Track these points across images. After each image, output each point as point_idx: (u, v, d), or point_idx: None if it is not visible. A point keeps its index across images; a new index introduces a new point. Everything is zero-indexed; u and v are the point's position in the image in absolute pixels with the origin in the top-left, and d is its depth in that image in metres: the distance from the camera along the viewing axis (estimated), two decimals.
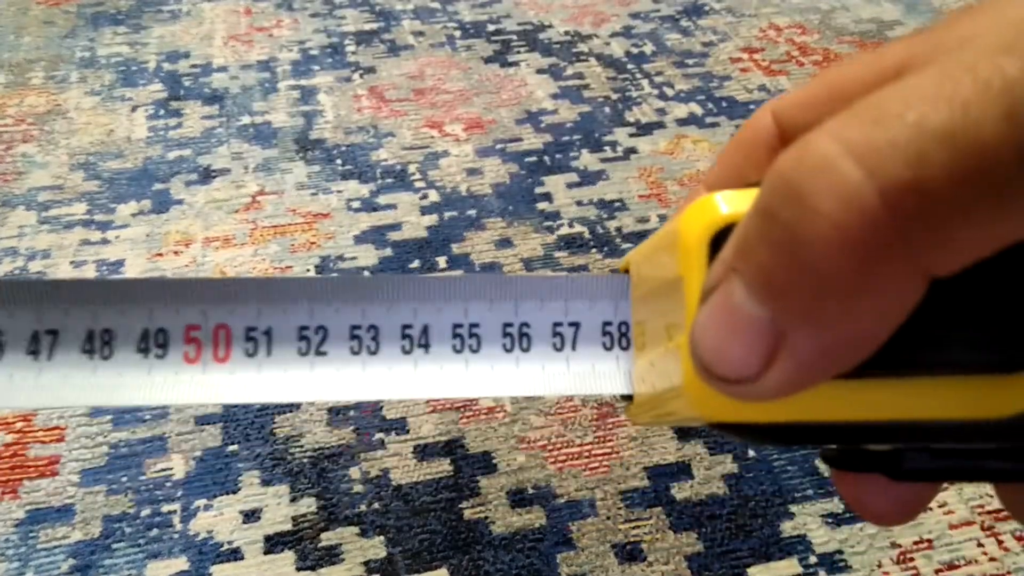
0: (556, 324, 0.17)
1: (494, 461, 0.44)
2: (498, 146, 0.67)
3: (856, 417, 0.14)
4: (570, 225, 0.59)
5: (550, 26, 0.83)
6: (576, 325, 0.17)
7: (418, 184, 0.63)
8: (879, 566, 0.40)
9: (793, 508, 0.42)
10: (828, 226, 0.11)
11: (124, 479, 0.43)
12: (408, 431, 0.46)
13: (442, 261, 0.56)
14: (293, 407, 0.47)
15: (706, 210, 0.14)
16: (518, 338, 0.17)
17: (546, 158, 0.66)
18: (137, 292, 0.17)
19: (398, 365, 0.17)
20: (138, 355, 0.17)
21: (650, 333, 0.16)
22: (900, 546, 0.41)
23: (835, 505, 0.43)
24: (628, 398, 0.17)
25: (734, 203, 0.14)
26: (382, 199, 0.62)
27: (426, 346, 0.17)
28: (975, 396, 0.13)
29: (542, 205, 0.61)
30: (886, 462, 0.15)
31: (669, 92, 0.74)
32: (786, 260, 0.12)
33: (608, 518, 0.42)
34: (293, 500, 0.43)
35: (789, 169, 0.12)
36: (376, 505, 0.43)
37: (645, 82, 0.75)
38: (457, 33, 0.82)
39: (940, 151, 0.11)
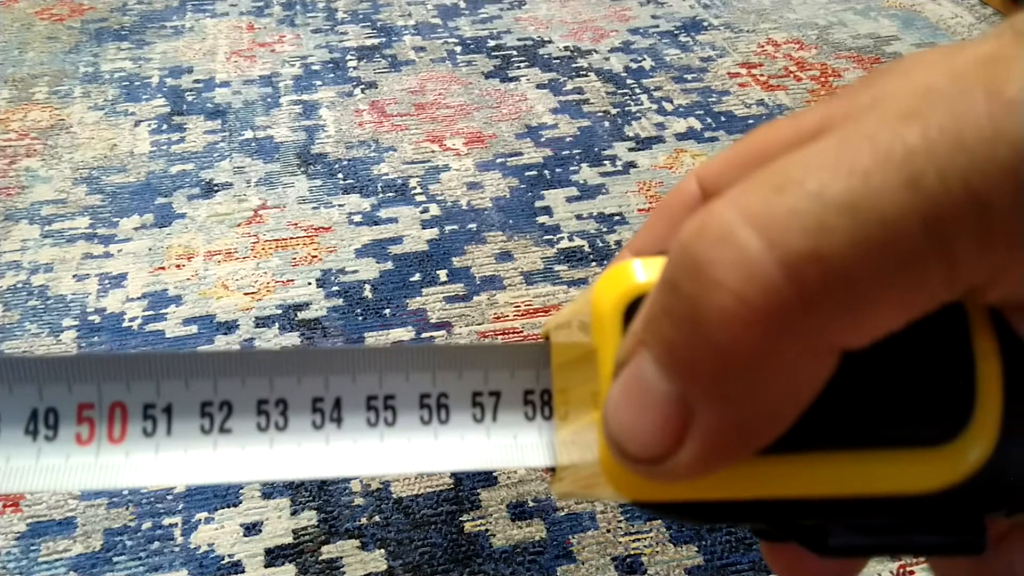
0: (476, 394, 0.16)
1: (494, 474, 0.45)
2: (498, 160, 0.67)
3: (779, 494, 0.13)
4: (570, 239, 0.60)
5: (550, 41, 0.84)
6: (497, 394, 0.16)
7: (419, 198, 0.63)
8: None
9: None
10: (729, 299, 0.11)
11: (125, 492, 0.43)
12: None
13: (443, 274, 0.57)
14: None
15: (620, 279, 0.14)
16: (436, 409, 0.16)
17: (546, 172, 0.66)
18: (25, 369, 0.15)
19: (308, 441, 0.16)
20: (26, 437, 0.15)
21: (573, 402, 0.16)
22: (900, 559, 0.41)
23: None
24: (553, 469, 0.17)
25: (650, 271, 0.14)
26: (383, 213, 0.62)
27: (338, 420, 0.16)
28: (900, 471, 0.13)
29: (542, 219, 0.62)
30: (811, 537, 0.14)
31: (668, 107, 0.74)
32: (690, 335, 0.11)
33: (608, 531, 0.42)
34: (294, 513, 0.43)
35: (690, 239, 0.11)
36: (377, 518, 0.43)
37: (644, 97, 0.75)
38: (458, 48, 0.83)
39: (842, 221, 0.10)
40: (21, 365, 0.15)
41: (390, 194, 0.64)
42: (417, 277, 0.56)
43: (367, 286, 0.56)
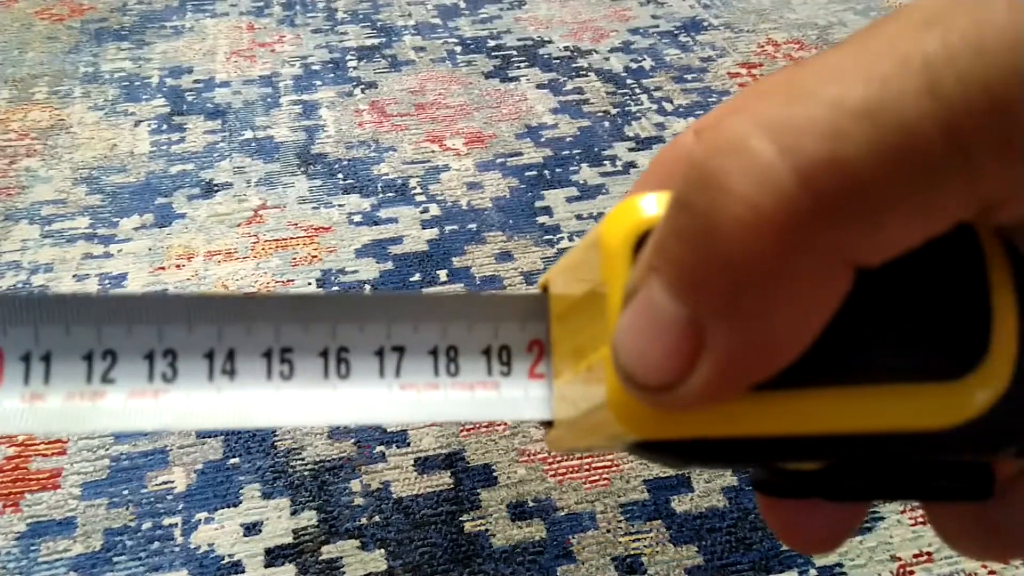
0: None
1: (494, 474, 0.45)
2: (498, 160, 0.67)
3: (790, 430, 0.13)
4: (570, 239, 0.60)
5: (550, 41, 0.84)
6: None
7: (419, 198, 0.63)
8: None
9: None
10: (741, 208, 0.10)
11: (125, 492, 0.44)
12: (409, 444, 0.46)
13: (443, 275, 0.57)
14: None
15: (628, 213, 0.13)
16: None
17: (546, 172, 0.66)
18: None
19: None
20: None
21: (569, 353, 0.15)
22: (900, 559, 0.41)
23: None
24: (548, 424, 0.16)
25: (658, 205, 0.13)
26: (383, 213, 0.62)
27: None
28: (916, 406, 0.13)
29: (542, 219, 0.62)
30: (822, 482, 0.14)
31: (668, 107, 0.74)
32: (701, 250, 0.11)
33: (608, 531, 0.42)
34: (294, 513, 0.43)
35: (702, 153, 0.11)
36: (377, 518, 0.43)
37: (644, 97, 0.75)
38: (458, 48, 0.83)
39: (859, 127, 0.10)
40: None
41: (390, 194, 0.64)
42: (417, 277, 0.56)
43: (367, 286, 0.56)
